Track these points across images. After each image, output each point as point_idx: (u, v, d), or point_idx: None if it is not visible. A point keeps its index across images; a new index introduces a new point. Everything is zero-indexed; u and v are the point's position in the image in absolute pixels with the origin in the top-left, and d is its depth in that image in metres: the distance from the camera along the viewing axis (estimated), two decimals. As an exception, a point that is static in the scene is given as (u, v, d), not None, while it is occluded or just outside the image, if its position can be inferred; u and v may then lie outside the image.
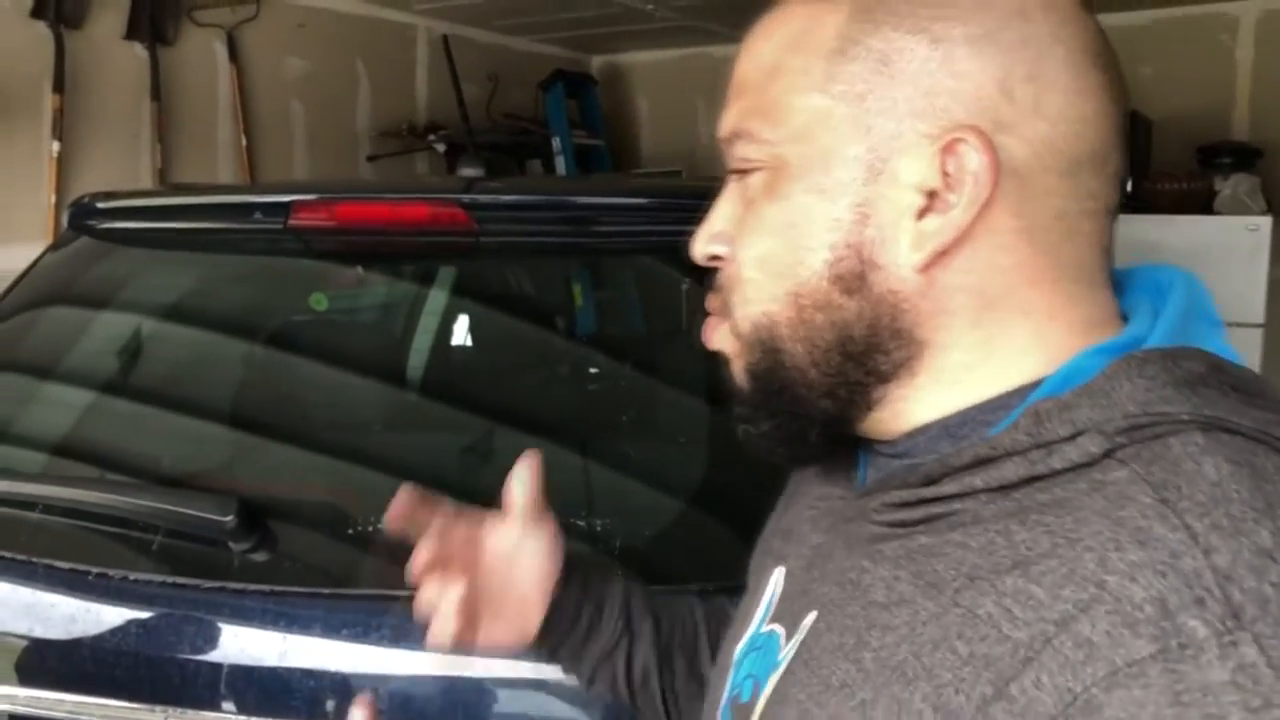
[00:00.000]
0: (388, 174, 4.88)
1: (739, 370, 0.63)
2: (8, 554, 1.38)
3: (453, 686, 1.21)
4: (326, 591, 1.25)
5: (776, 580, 0.69)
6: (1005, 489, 0.52)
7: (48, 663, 1.33)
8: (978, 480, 0.53)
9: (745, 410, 0.64)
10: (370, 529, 1.33)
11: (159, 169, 4.02)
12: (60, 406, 1.68)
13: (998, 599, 0.49)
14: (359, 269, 2.18)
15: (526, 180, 4.53)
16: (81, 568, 1.34)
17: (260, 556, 1.29)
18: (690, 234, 0.66)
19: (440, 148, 5.00)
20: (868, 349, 0.58)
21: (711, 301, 0.66)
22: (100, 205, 1.68)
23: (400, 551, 0.82)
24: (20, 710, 1.31)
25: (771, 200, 0.59)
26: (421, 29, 5.17)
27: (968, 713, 0.48)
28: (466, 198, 1.53)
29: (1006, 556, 0.50)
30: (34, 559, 1.37)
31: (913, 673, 0.51)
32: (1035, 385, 0.56)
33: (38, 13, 3.61)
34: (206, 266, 1.87)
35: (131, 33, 3.92)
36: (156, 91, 4.01)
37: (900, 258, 0.56)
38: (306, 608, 1.25)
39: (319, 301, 2.17)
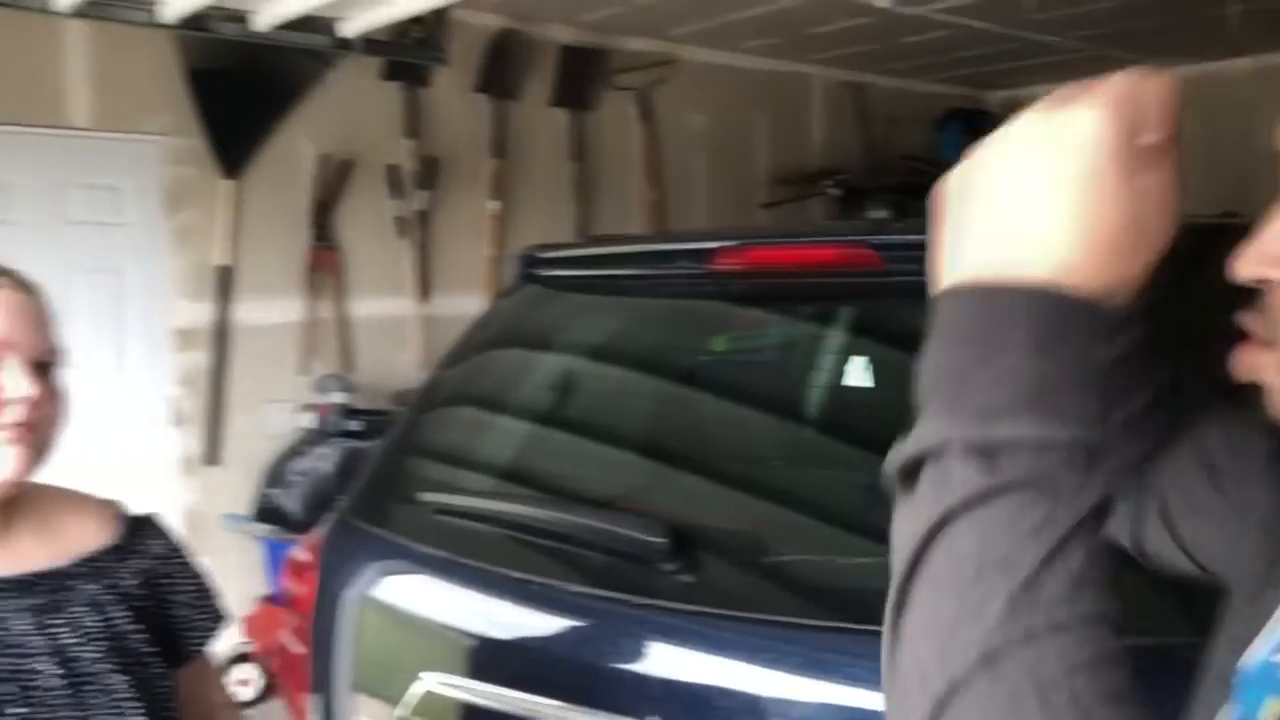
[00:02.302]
0: (783, 220, 5.02)
1: None
2: (469, 561, 1.57)
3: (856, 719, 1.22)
4: (746, 616, 1.31)
5: None
6: None
7: (498, 661, 1.49)
8: None
9: None
10: (787, 559, 1.38)
11: (579, 223, 4.40)
12: (507, 434, 1.89)
13: None
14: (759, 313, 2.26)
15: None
16: (527, 577, 1.50)
17: (687, 578, 1.38)
18: None
19: (835, 192, 5.05)
20: None
21: (1254, 322, 0.61)
22: (543, 255, 1.88)
23: (811, 587, 0.83)
24: (477, 703, 1.48)
25: None
26: (816, 78, 5.29)
27: None
28: (874, 239, 1.56)
29: None
30: (489, 567, 1.55)
31: None
32: None
33: (483, 88, 4.10)
34: (627, 310, 2.03)
35: (557, 100, 4.34)
36: (578, 153, 4.40)
37: None
38: (727, 630, 1.32)
39: (719, 343, 2.28)
